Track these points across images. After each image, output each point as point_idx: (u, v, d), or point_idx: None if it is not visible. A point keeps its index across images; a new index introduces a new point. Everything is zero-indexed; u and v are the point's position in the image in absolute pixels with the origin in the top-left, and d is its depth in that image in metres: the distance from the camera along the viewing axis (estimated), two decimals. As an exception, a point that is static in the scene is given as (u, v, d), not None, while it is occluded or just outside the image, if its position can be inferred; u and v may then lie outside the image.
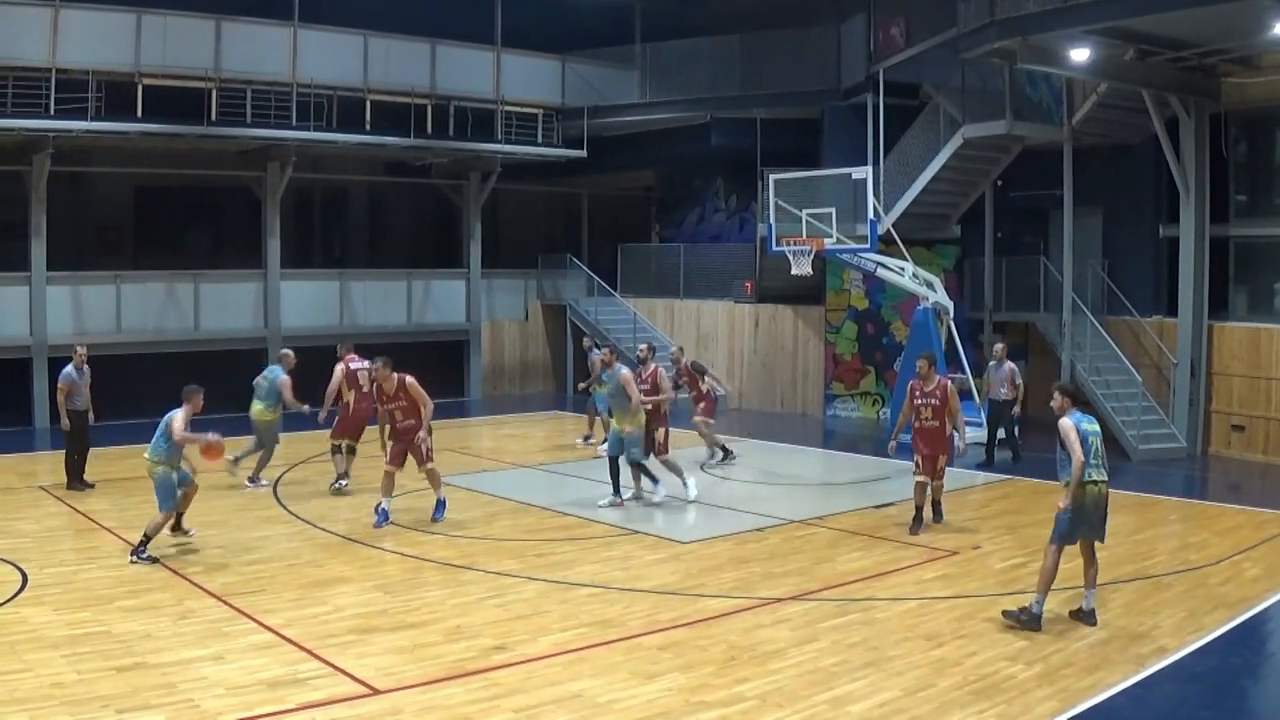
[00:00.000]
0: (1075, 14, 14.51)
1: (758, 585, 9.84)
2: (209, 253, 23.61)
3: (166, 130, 19.33)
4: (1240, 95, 17.18)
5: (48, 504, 12.85)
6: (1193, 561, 10.70)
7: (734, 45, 23.55)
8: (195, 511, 12.46)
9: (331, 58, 20.97)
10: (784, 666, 7.73)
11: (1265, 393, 16.78)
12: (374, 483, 12.69)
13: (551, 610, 9.00)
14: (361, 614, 8.79)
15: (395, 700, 7.03)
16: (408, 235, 27.92)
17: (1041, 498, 13.86)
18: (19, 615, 8.58)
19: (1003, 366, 16.04)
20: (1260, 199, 18.10)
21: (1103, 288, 19.12)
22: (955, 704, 7.06)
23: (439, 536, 11.46)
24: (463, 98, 22.66)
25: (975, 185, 20.46)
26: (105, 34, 18.61)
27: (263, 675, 7.38)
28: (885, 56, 20.05)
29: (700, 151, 24.38)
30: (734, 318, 23.37)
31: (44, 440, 17.76)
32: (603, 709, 6.95)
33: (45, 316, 19.21)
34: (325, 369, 14.32)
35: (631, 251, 26.66)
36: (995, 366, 16.17)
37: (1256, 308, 17.76)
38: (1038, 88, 18.73)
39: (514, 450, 17.75)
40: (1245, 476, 15.74)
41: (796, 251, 17.92)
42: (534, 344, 26.18)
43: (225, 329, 21.17)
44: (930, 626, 8.65)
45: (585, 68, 24.44)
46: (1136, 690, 7.37)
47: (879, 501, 13.52)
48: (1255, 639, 8.75)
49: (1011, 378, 15.98)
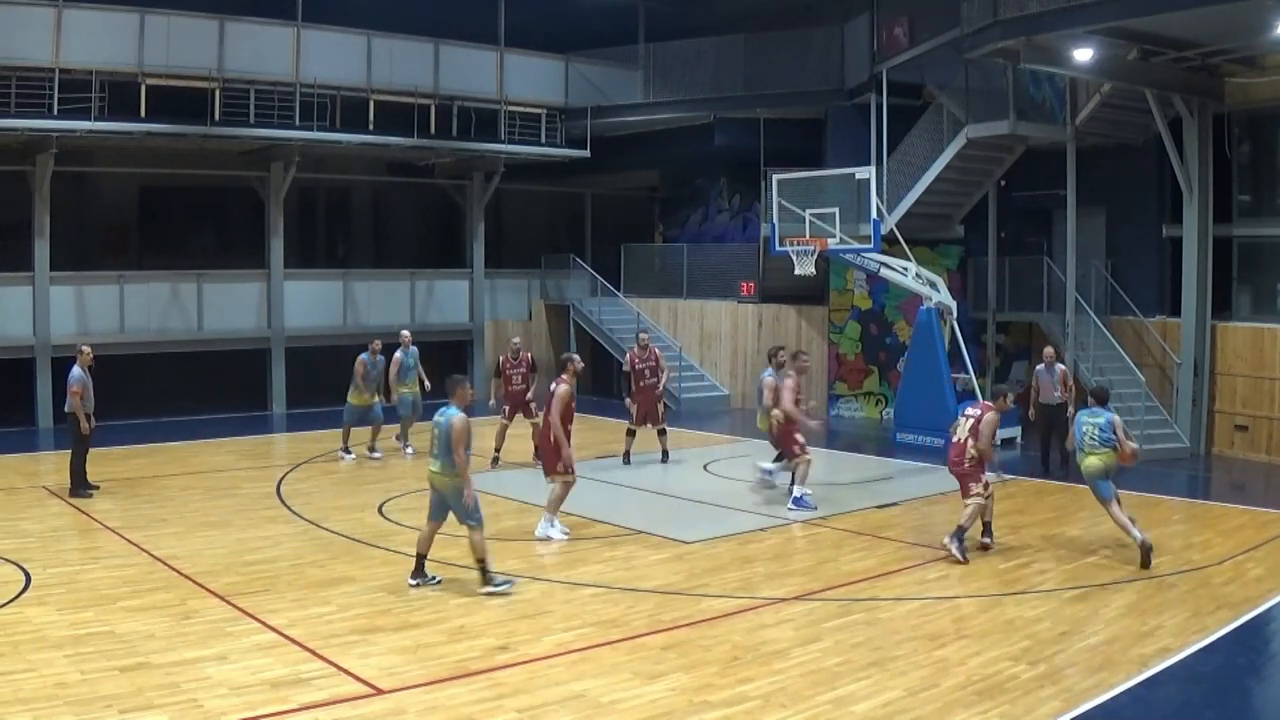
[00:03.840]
0: (1079, 14, 14.48)
1: (761, 585, 9.84)
2: (212, 253, 23.66)
3: (170, 130, 19.35)
4: (1243, 95, 17.16)
5: (51, 504, 12.85)
6: (1196, 561, 10.68)
7: (737, 45, 23.55)
8: (195, 511, 12.52)
9: (335, 57, 20.98)
10: (787, 666, 7.72)
11: (1268, 392, 16.76)
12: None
13: (555, 610, 9.00)
14: (365, 614, 8.79)
15: (398, 700, 7.03)
16: (411, 235, 27.94)
17: (1044, 498, 13.88)
18: (22, 615, 8.59)
19: (1054, 369, 15.55)
20: (1263, 199, 18.08)
21: (1106, 288, 19.10)
22: (958, 704, 7.06)
23: (442, 536, 11.42)
24: (466, 97, 22.67)
25: (978, 185, 20.44)
26: (108, 34, 18.63)
27: (266, 675, 7.38)
28: (889, 56, 20.04)
29: (704, 151, 24.37)
30: (737, 318, 23.37)
31: (47, 440, 17.78)
32: (606, 709, 6.95)
33: (49, 316, 19.24)
34: (326, 369, 14.34)
35: (635, 251, 26.66)
36: (1045, 370, 15.58)
37: (1260, 307, 17.74)
38: (1041, 88, 18.72)
39: (517, 450, 17.73)
40: (1249, 476, 15.71)
41: (800, 251, 17.91)
42: (537, 344, 26.13)
43: (229, 329, 21.20)
44: (933, 627, 8.65)
45: (589, 67, 24.43)
46: (1140, 690, 7.36)
47: (882, 501, 13.51)
48: (1259, 639, 8.73)
49: (1064, 380, 15.47)
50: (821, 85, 22.38)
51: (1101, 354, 17.91)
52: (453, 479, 9.33)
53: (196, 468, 15.33)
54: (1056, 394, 15.48)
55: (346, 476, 14.93)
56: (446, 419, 9.33)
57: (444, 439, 9.29)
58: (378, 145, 22.11)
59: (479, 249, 24.60)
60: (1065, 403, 15.39)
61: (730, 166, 24.90)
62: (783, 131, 22.95)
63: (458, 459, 9.24)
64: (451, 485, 9.36)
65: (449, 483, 9.37)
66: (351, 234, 28.04)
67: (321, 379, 22.69)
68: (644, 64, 24.42)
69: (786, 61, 22.91)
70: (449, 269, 24.99)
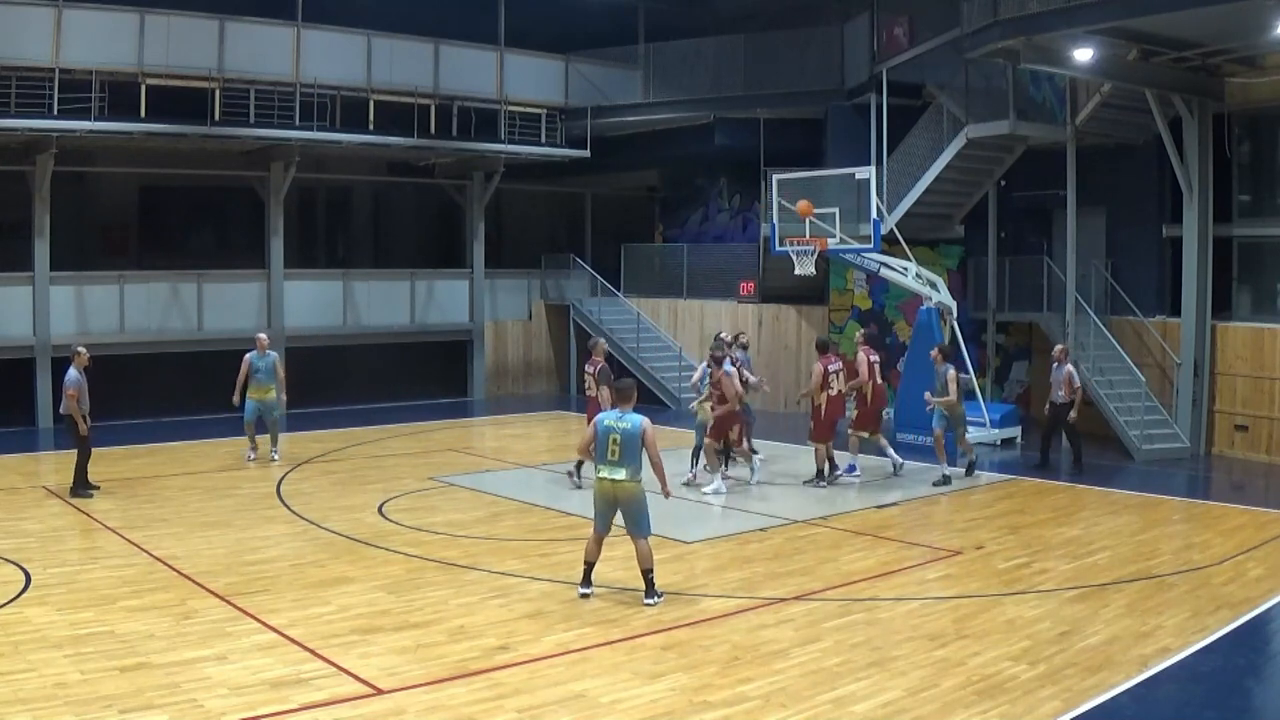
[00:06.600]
0: (1079, 14, 14.48)
1: (761, 585, 9.84)
2: (212, 253, 23.65)
3: (170, 130, 19.34)
4: (1244, 95, 17.16)
5: (51, 504, 12.85)
6: (1196, 561, 10.68)
7: (737, 45, 23.55)
8: (195, 511, 12.52)
9: (335, 57, 20.98)
10: (787, 666, 7.73)
11: (1268, 392, 16.76)
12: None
13: (555, 610, 8.99)
14: (365, 614, 8.79)
15: (398, 700, 7.03)
16: (411, 235, 27.97)
17: (1044, 498, 13.88)
18: (22, 615, 8.59)
19: (1062, 368, 15.67)
20: (1264, 199, 18.08)
21: (1106, 287, 19.10)
22: (958, 704, 7.06)
23: (442, 536, 11.46)
24: (466, 98, 22.67)
25: (979, 185, 20.44)
26: (108, 34, 18.62)
27: (266, 675, 7.38)
28: (889, 56, 20.04)
29: (704, 151, 24.38)
30: (737, 318, 23.35)
31: (47, 440, 17.78)
32: (606, 709, 6.95)
33: (49, 316, 19.22)
34: (326, 369, 14.33)
35: (635, 251, 26.66)
36: (1056, 368, 15.77)
37: (1260, 307, 17.73)
38: (1041, 88, 18.72)
39: (517, 450, 17.75)
40: (1249, 476, 15.70)
41: (800, 251, 17.90)
42: (537, 344, 26.18)
43: (228, 329, 21.16)
44: (933, 626, 8.65)
45: (589, 68, 24.43)
46: (1140, 690, 7.36)
47: (882, 501, 13.52)
48: (1259, 639, 8.74)
49: (1069, 380, 15.54)
50: (821, 85, 22.37)
51: (1101, 354, 17.91)
52: (638, 486, 9.00)
53: (196, 468, 15.33)
54: (1061, 393, 15.55)
55: (346, 476, 14.93)
56: (634, 424, 8.94)
57: (633, 443, 8.91)
58: (378, 145, 22.10)
59: (479, 249, 24.60)
60: (1069, 403, 15.45)
61: (730, 166, 24.92)
62: (783, 131, 22.95)
63: (655, 461, 8.93)
64: (636, 493, 9.02)
65: (633, 490, 8.99)
66: (351, 234, 28.06)
67: (321, 379, 22.76)
68: (644, 64, 24.42)
69: (786, 61, 22.91)
70: (449, 269, 24.99)
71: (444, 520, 12.21)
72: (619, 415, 9.10)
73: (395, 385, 23.95)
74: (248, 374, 15.61)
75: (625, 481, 9.00)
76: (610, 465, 9.04)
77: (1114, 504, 13.43)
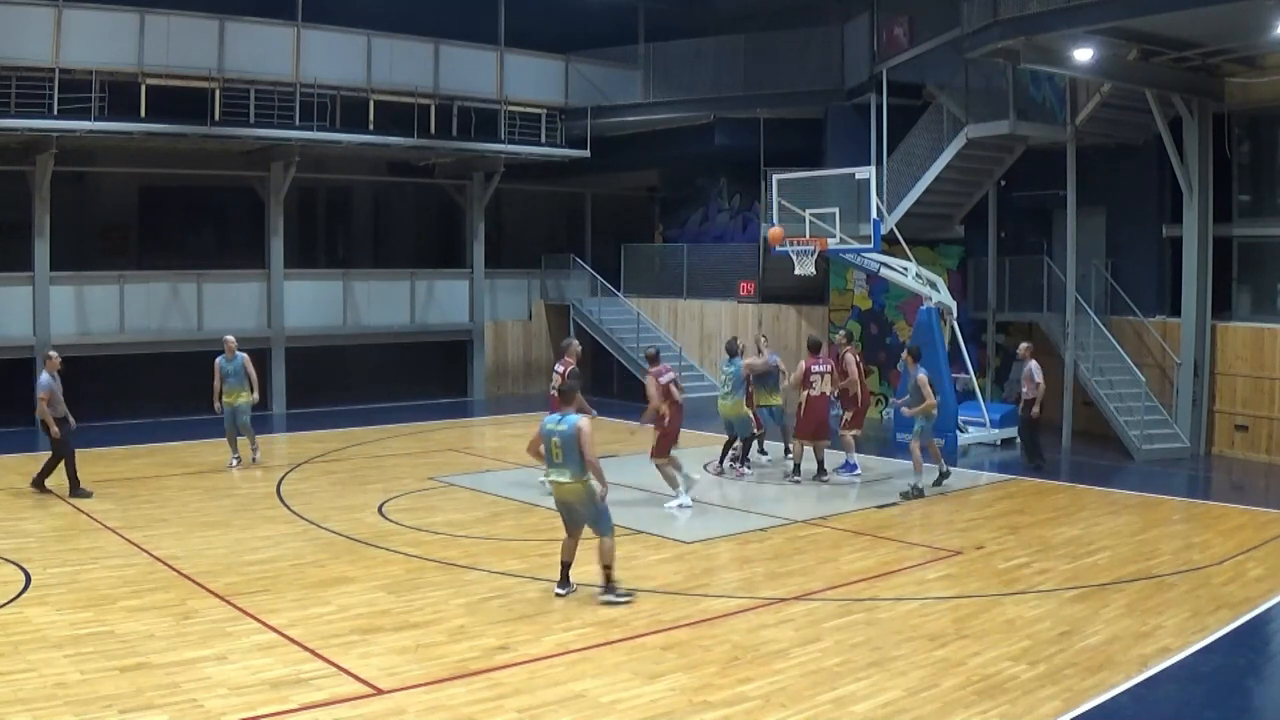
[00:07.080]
0: (1079, 14, 14.48)
1: (761, 585, 9.85)
2: (212, 253, 23.64)
3: (170, 130, 19.35)
4: (1244, 95, 17.16)
5: (51, 504, 12.85)
6: (1196, 561, 10.68)
7: (737, 45, 23.55)
8: (195, 511, 12.52)
9: (335, 57, 20.98)
10: (787, 666, 7.73)
11: (1268, 393, 16.76)
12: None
13: (555, 610, 9.00)
14: (365, 614, 8.79)
15: (398, 700, 7.03)
16: (411, 235, 27.97)
17: (1044, 498, 13.88)
18: (22, 615, 8.59)
19: (1024, 365, 15.81)
20: (1264, 199, 18.07)
21: (1106, 287, 19.09)
22: (958, 704, 7.06)
23: (442, 536, 11.46)
24: (466, 98, 22.67)
25: (979, 185, 20.44)
26: (108, 34, 18.62)
27: (266, 675, 7.38)
28: (889, 56, 20.04)
29: (704, 151, 24.38)
30: (737, 318, 23.37)
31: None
32: (606, 709, 6.95)
33: (49, 316, 19.22)
34: (326, 369, 14.33)
35: (635, 251, 26.66)
36: (1016, 365, 16.08)
37: (1260, 307, 17.73)
38: (1041, 88, 18.71)
39: (517, 450, 17.69)
40: (1249, 476, 15.72)
41: (800, 251, 17.91)
42: (537, 344, 26.17)
43: (228, 329, 21.10)
44: (933, 626, 8.65)
45: (589, 68, 24.43)
46: (1140, 690, 7.36)
47: (882, 501, 13.51)
48: (1258, 639, 8.74)
49: (1029, 376, 15.62)
50: (821, 85, 22.37)
51: (1101, 354, 17.92)
52: (583, 485, 9.04)
53: (196, 468, 15.34)
54: (1024, 389, 15.84)
55: (346, 476, 14.93)
56: (570, 425, 8.98)
57: (570, 445, 8.94)
58: (378, 145, 22.11)
59: (479, 249, 24.60)
60: (1030, 400, 15.67)
61: (730, 166, 24.91)
62: (783, 131, 22.95)
63: (591, 461, 8.94)
64: (582, 493, 9.06)
65: (579, 490, 9.05)
66: (351, 234, 28.06)
67: (321, 379, 22.76)
68: (644, 64, 24.41)
69: (787, 61, 22.91)
70: (449, 269, 24.99)
71: (444, 520, 12.21)
72: (559, 418, 9.17)
73: (395, 385, 23.96)
74: (221, 379, 15.30)
75: (570, 483, 9.08)
76: (556, 468, 9.16)
77: (1114, 504, 13.44)
